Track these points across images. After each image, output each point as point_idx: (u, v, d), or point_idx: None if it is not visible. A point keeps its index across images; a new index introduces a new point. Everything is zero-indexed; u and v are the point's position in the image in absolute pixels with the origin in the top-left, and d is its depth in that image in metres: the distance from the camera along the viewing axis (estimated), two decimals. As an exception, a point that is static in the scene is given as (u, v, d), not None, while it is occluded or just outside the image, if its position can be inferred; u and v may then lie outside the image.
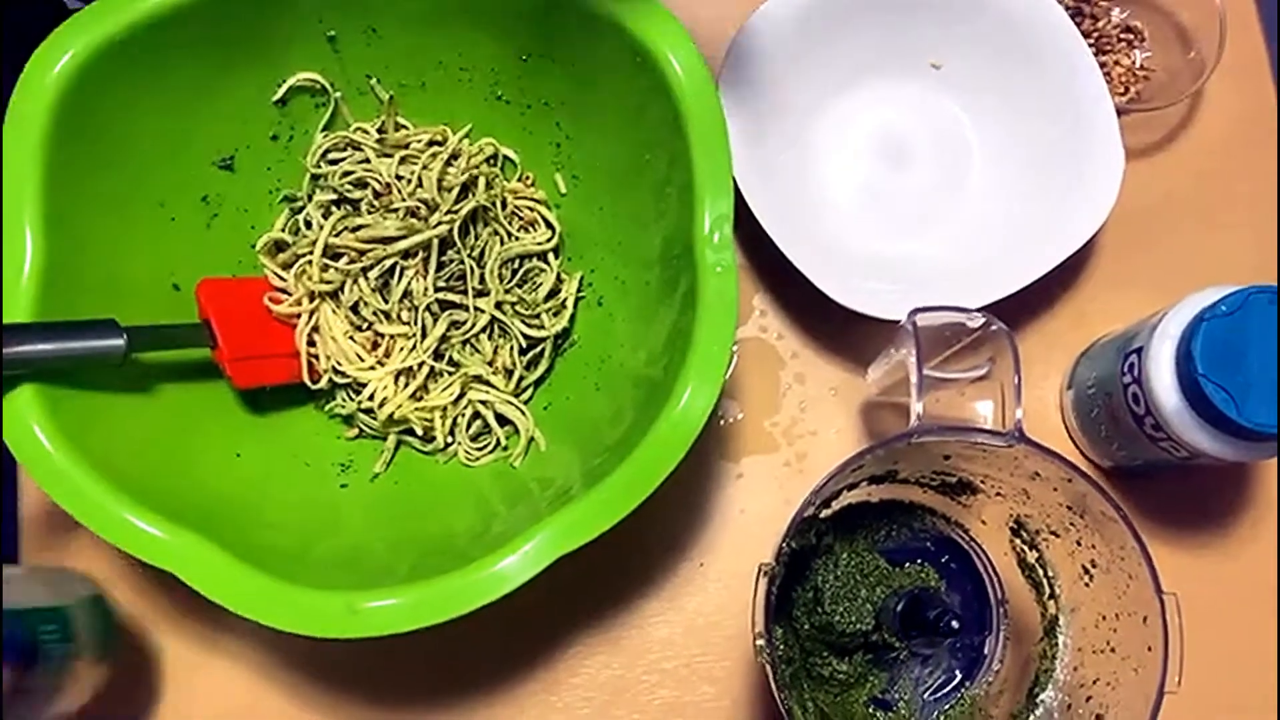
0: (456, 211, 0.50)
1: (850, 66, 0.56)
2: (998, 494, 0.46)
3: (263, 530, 0.43)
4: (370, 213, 0.51)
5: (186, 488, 0.43)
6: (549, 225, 0.53)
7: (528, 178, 0.53)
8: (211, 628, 0.50)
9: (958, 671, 0.48)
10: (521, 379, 0.51)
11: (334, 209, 0.51)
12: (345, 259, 0.50)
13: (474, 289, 0.50)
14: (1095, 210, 0.51)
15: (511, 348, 0.51)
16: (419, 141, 0.52)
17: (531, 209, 0.53)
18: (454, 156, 0.52)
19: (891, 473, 0.46)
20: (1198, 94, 0.57)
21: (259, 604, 0.39)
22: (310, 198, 0.52)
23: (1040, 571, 0.46)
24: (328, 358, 0.50)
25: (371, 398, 0.50)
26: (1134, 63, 0.58)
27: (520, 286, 0.52)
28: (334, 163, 0.52)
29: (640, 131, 0.46)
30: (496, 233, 0.52)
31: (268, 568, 0.39)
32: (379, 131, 0.52)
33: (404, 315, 0.50)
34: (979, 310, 0.43)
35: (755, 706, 0.50)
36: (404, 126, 0.53)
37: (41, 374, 0.40)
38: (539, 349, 0.52)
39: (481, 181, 0.51)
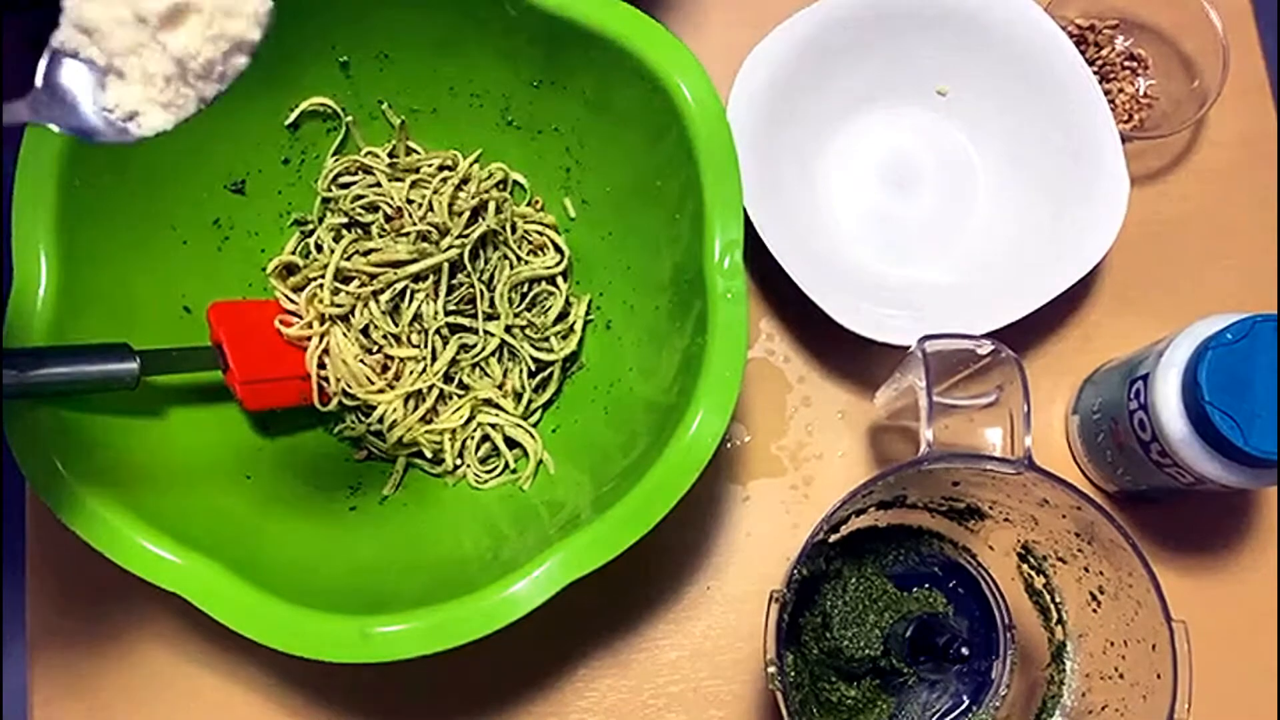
0: (467, 236, 0.50)
1: (856, 93, 0.57)
2: (1005, 520, 0.46)
3: (273, 553, 0.43)
4: (381, 236, 0.51)
5: (197, 511, 0.43)
6: (558, 249, 0.53)
7: (537, 202, 0.54)
8: (221, 650, 0.50)
9: (965, 696, 0.48)
10: (530, 402, 0.52)
11: (345, 232, 0.51)
12: (356, 282, 0.50)
13: (484, 312, 0.51)
14: (1100, 236, 0.52)
15: (521, 371, 0.51)
16: (430, 166, 0.52)
17: (541, 233, 0.53)
18: (464, 181, 0.52)
19: (900, 498, 0.47)
20: (1201, 121, 0.58)
21: (270, 628, 0.39)
22: (321, 221, 0.52)
23: (1048, 597, 0.46)
24: (338, 380, 0.50)
25: (381, 420, 0.50)
26: (1138, 90, 0.58)
27: (530, 310, 0.52)
28: (345, 186, 0.52)
29: (650, 158, 0.46)
30: (506, 256, 0.52)
31: (278, 591, 0.39)
32: (390, 156, 0.53)
33: (414, 338, 0.50)
34: (986, 336, 0.43)
35: (762, 731, 0.50)
36: (415, 151, 0.53)
37: (54, 397, 0.40)
38: (548, 372, 0.52)
39: (491, 206, 0.52)
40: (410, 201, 0.52)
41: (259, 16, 0.32)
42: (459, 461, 0.51)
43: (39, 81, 0.31)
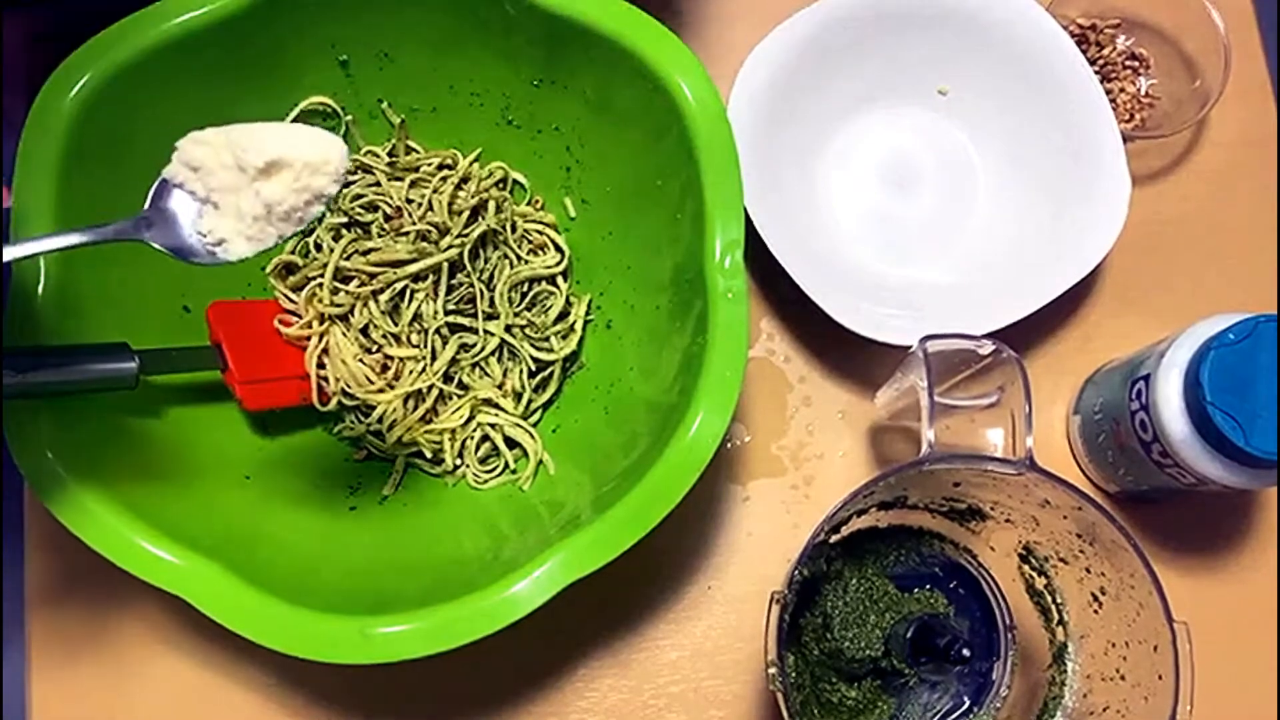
0: (466, 235, 0.50)
1: (857, 92, 0.57)
2: (1007, 520, 0.46)
3: (272, 553, 0.43)
4: (381, 236, 0.51)
5: (196, 511, 0.43)
6: (558, 249, 0.53)
7: (537, 201, 0.54)
8: (221, 650, 0.50)
9: (966, 697, 0.48)
10: (530, 402, 0.51)
11: (344, 232, 0.51)
12: (355, 282, 0.50)
13: (484, 312, 0.51)
14: (1101, 236, 0.52)
15: (521, 370, 0.51)
16: (429, 165, 0.52)
17: (541, 232, 0.53)
18: (464, 180, 0.52)
19: (901, 498, 0.47)
20: (1202, 121, 0.58)
21: (270, 629, 0.39)
22: (320, 220, 0.52)
23: (1049, 598, 0.46)
24: (337, 380, 0.50)
25: (381, 420, 0.50)
26: (1139, 90, 0.58)
27: (529, 309, 0.52)
28: (344, 186, 0.52)
29: (651, 158, 0.46)
30: (506, 256, 0.52)
31: (278, 591, 0.39)
32: (390, 155, 0.53)
33: (414, 338, 0.50)
34: (987, 336, 0.43)
35: (763, 731, 0.50)
36: (415, 150, 0.53)
37: (53, 397, 0.40)
38: (548, 371, 0.52)
39: (491, 205, 0.52)
40: (410, 201, 0.51)
41: (338, 174, 0.36)
42: (459, 461, 0.51)
43: (148, 204, 0.36)
